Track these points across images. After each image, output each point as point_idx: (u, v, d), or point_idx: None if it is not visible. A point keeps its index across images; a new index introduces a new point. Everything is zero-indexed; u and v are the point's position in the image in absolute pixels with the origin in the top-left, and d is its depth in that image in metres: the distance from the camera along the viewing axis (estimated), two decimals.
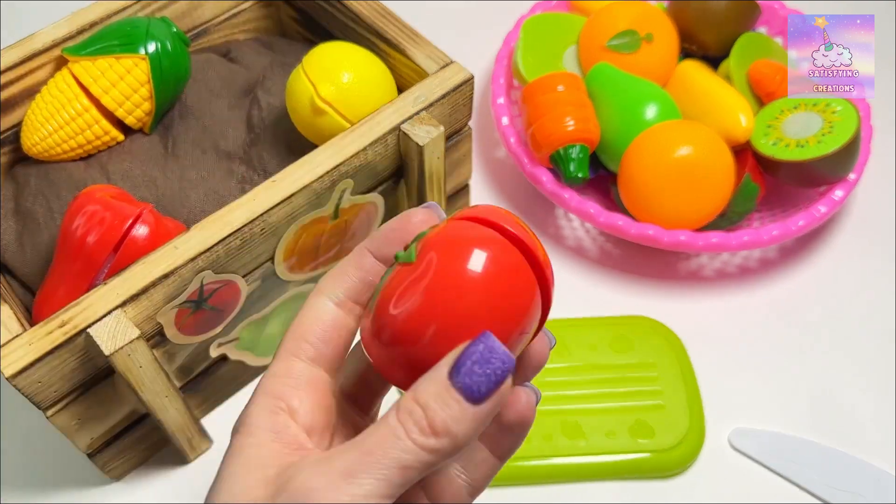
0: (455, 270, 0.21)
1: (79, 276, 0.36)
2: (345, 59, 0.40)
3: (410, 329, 0.21)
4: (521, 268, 0.22)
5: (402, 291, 0.21)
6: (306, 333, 0.24)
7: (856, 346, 0.45)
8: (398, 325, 0.21)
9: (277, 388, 0.23)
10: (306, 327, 0.24)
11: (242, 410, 0.23)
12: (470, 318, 0.21)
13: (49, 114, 0.42)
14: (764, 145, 0.46)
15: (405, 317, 0.21)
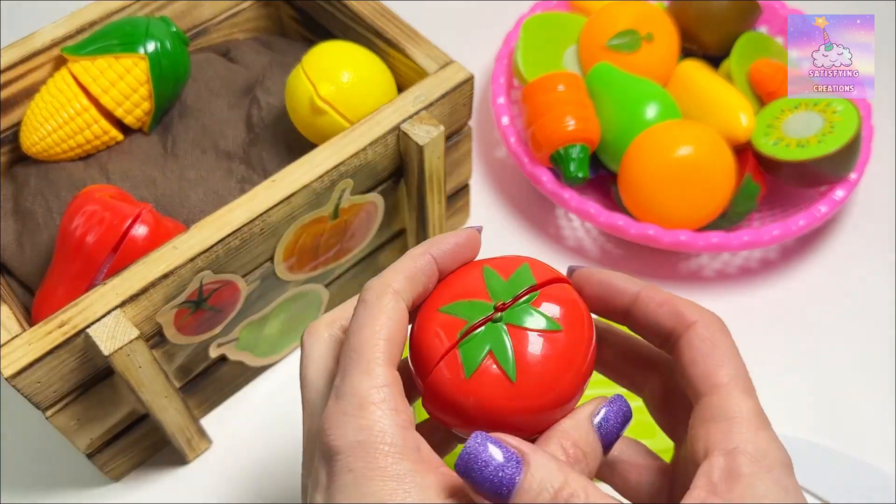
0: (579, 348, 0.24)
1: (78, 276, 0.36)
2: (344, 59, 0.40)
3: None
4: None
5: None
6: (394, 336, 0.23)
7: (856, 346, 0.45)
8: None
9: (395, 399, 0.22)
10: (394, 330, 0.23)
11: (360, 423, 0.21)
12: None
13: (48, 113, 0.42)
14: (765, 145, 0.46)
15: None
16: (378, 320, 0.23)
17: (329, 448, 0.22)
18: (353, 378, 0.22)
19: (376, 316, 0.23)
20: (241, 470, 0.41)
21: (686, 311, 0.24)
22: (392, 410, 0.22)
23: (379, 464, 0.21)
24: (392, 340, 0.23)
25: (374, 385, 0.22)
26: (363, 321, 0.23)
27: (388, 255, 0.46)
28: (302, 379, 0.25)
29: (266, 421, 0.43)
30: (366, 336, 0.23)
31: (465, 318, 0.24)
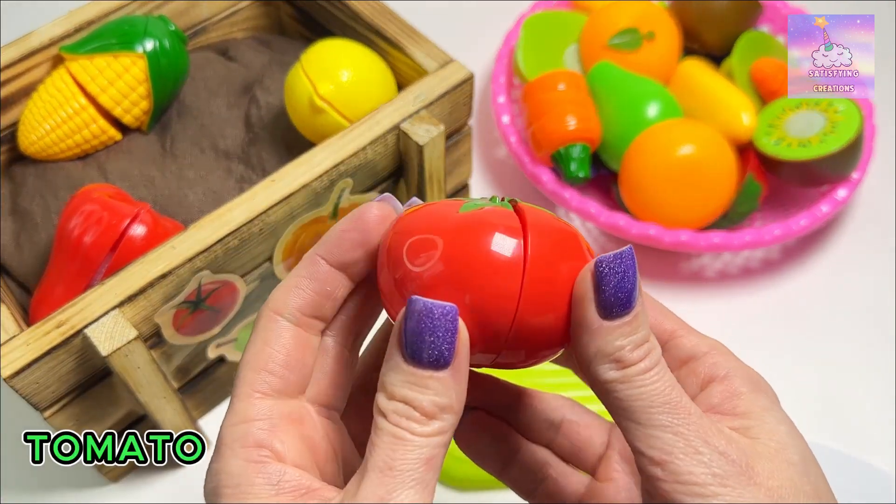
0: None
1: (76, 276, 0.36)
2: (344, 58, 0.40)
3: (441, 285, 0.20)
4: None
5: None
6: (268, 363, 0.21)
7: (857, 346, 0.45)
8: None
9: (254, 434, 0.20)
10: (267, 356, 0.21)
11: (214, 468, 0.20)
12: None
13: (46, 112, 0.42)
14: (766, 144, 0.45)
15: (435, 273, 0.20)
16: (253, 349, 0.21)
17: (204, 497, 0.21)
18: (223, 419, 0.21)
19: (253, 344, 0.22)
20: None
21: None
22: (243, 448, 0.20)
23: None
24: (266, 369, 0.21)
25: (231, 423, 0.21)
26: (244, 352, 0.22)
27: None
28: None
29: None
30: (239, 369, 0.21)
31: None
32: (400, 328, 0.20)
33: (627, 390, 0.19)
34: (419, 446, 0.19)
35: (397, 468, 0.19)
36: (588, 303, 0.20)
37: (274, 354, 0.21)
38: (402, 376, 0.19)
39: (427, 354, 0.19)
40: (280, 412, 0.21)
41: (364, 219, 0.21)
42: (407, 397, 0.19)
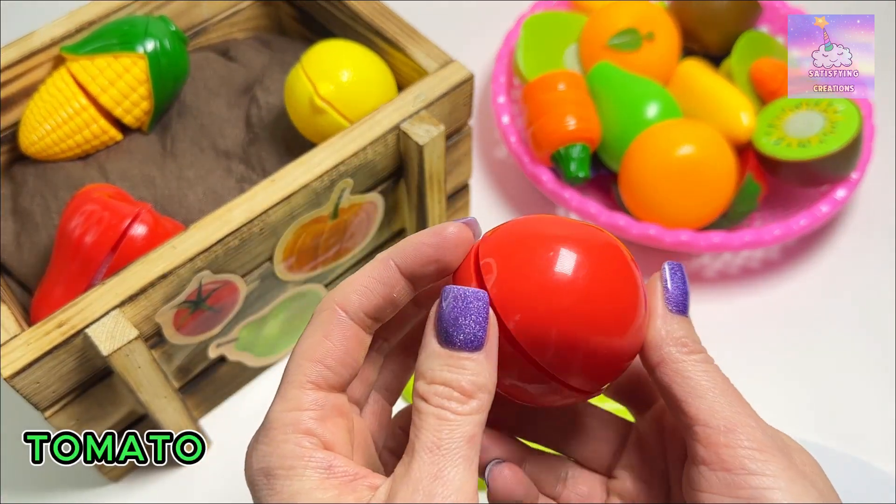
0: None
1: (77, 276, 0.36)
2: (344, 58, 0.40)
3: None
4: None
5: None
6: (326, 357, 0.22)
7: (857, 346, 0.45)
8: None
9: (305, 422, 0.21)
10: (326, 350, 0.22)
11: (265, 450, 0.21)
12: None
13: (47, 112, 0.42)
14: (766, 144, 0.45)
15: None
16: (310, 339, 0.22)
17: (246, 479, 0.22)
18: (273, 402, 0.22)
19: (311, 335, 0.22)
20: (241, 470, 0.41)
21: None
22: (296, 433, 0.21)
23: (276, 488, 0.20)
24: (322, 361, 0.22)
25: (283, 409, 0.21)
26: (300, 340, 0.22)
27: None
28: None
29: None
30: (294, 357, 0.22)
31: None
32: (435, 316, 0.21)
33: (695, 370, 0.22)
34: (462, 424, 0.20)
35: (444, 446, 0.20)
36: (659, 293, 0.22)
37: (333, 350, 0.22)
38: (440, 360, 0.20)
39: (463, 336, 0.20)
40: (331, 404, 0.22)
41: (443, 236, 0.22)
42: (446, 379, 0.20)
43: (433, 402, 0.20)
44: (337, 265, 0.42)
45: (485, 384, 0.21)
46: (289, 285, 0.40)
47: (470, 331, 0.20)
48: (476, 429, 0.20)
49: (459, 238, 0.22)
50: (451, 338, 0.20)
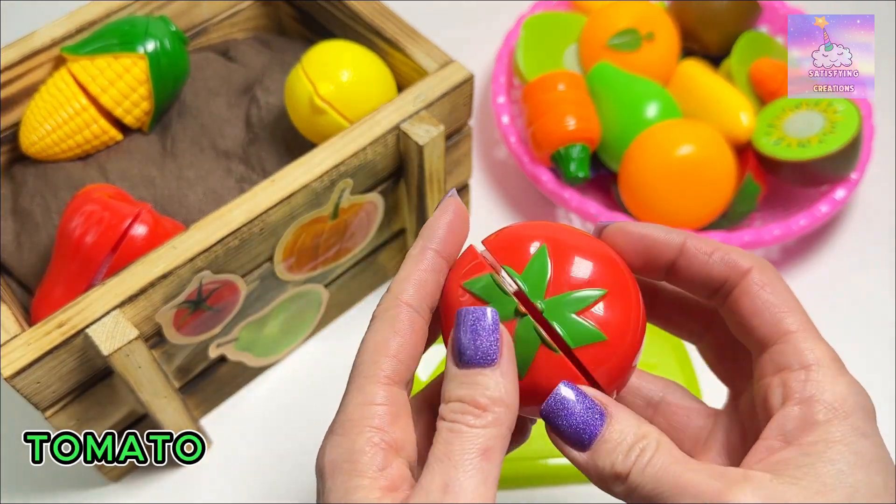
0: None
1: (77, 276, 0.36)
2: (344, 58, 0.40)
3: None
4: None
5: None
6: (399, 352, 0.22)
7: (857, 346, 0.45)
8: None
9: (380, 418, 0.22)
10: (399, 345, 0.22)
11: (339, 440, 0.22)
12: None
13: (47, 112, 0.42)
14: (765, 144, 0.45)
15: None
16: (381, 335, 0.23)
17: (316, 467, 0.23)
18: (347, 396, 0.23)
19: (380, 331, 0.23)
20: (241, 470, 0.41)
21: (739, 258, 0.23)
22: (369, 428, 0.22)
23: (338, 481, 0.21)
24: (395, 356, 0.22)
25: (359, 403, 0.22)
26: (367, 338, 0.23)
27: (387, 254, 0.46)
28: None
29: (266, 421, 0.43)
30: (366, 352, 0.23)
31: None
32: (451, 340, 0.22)
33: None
34: (474, 437, 0.20)
35: (454, 458, 0.20)
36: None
37: (403, 344, 0.22)
38: (457, 380, 0.21)
39: (474, 354, 0.21)
40: (400, 401, 0.22)
41: (458, 213, 0.24)
42: (461, 396, 0.21)
43: (448, 417, 0.21)
44: (337, 265, 0.42)
45: (500, 398, 0.21)
46: (289, 285, 0.40)
47: (482, 347, 0.21)
48: (492, 442, 0.21)
49: (463, 210, 0.24)
50: (464, 357, 0.21)
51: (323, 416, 0.46)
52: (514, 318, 0.23)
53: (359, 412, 0.22)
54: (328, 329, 0.46)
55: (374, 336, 0.23)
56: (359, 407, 0.22)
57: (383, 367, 0.22)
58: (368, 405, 0.22)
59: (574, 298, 0.23)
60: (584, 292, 0.23)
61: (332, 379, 0.44)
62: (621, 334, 0.23)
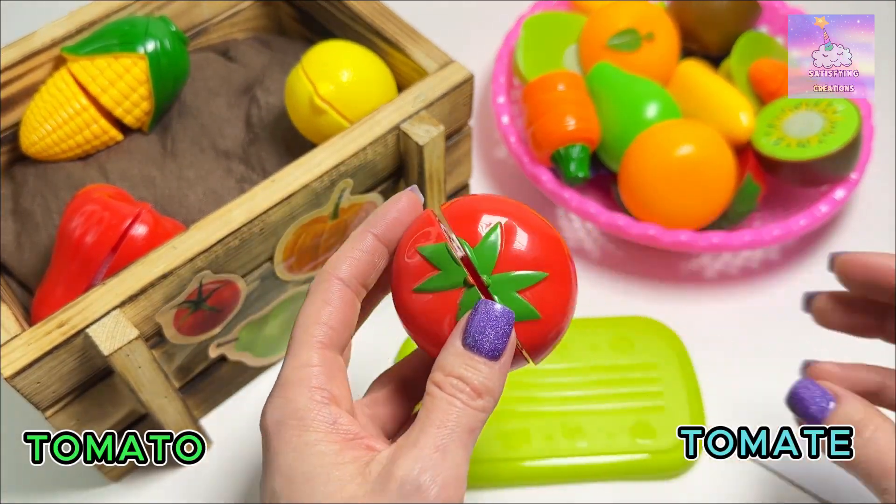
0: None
1: (77, 276, 0.36)
2: (344, 58, 0.40)
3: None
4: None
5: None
6: (330, 319, 0.25)
7: (856, 346, 0.45)
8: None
9: (316, 378, 0.24)
10: (328, 313, 0.25)
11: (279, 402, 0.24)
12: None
13: (47, 113, 0.42)
14: (765, 145, 0.46)
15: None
16: (313, 307, 0.25)
17: (260, 427, 0.24)
18: (285, 362, 0.25)
19: (313, 303, 0.25)
20: (242, 470, 0.41)
21: None
22: (308, 388, 0.24)
23: (285, 437, 0.23)
24: (327, 324, 0.25)
25: (295, 366, 0.24)
26: (302, 310, 0.25)
27: None
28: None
29: None
30: (300, 322, 0.25)
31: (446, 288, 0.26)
32: (465, 322, 0.24)
33: None
34: (466, 415, 0.23)
35: (450, 427, 0.23)
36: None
37: (334, 313, 0.25)
38: (460, 359, 0.24)
39: (487, 346, 0.24)
40: (336, 363, 0.25)
41: (405, 202, 0.27)
42: (463, 375, 0.24)
43: (447, 391, 0.23)
44: None
45: (493, 389, 0.24)
46: (289, 285, 0.40)
47: (493, 341, 0.24)
48: (478, 424, 0.23)
49: (416, 202, 0.27)
50: (475, 343, 0.24)
51: None
52: (462, 287, 0.25)
53: (296, 374, 0.24)
54: None
55: (307, 308, 0.25)
56: (296, 370, 0.24)
57: (315, 333, 0.25)
58: (305, 367, 0.24)
59: (518, 277, 0.26)
60: (527, 273, 0.26)
61: None
62: (553, 314, 0.26)
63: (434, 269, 0.26)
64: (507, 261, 0.26)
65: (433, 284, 0.26)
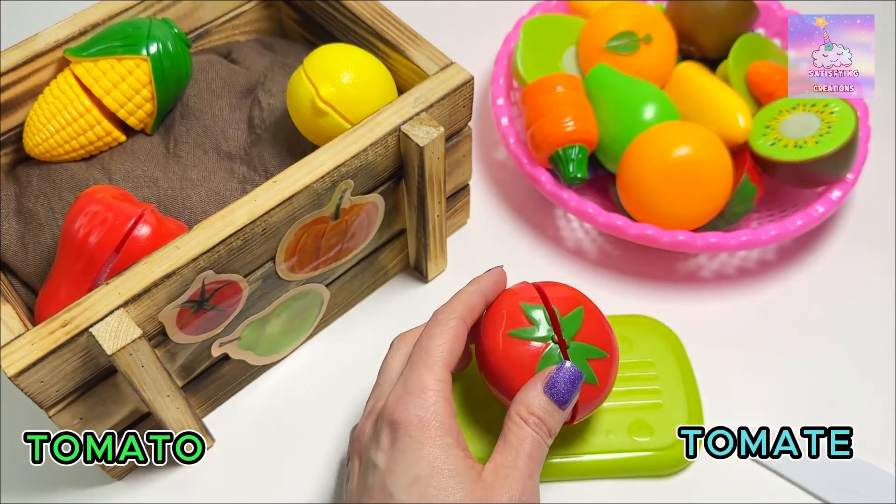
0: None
1: (81, 276, 0.37)
2: (345, 61, 0.41)
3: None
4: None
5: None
6: (454, 346, 0.32)
7: (855, 346, 0.45)
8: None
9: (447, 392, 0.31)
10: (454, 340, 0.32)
11: (417, 403, 0.30)
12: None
13: (51, 114, 0.42)
14: (762, 146, 0.46)
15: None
16: (446, 335, 0.32)
17: (394, 420, 0.30)
18: (420, 371, 0.31)
19: (445, 332, 0.32)
20: (244, 469, 0.41)
21: None
22: (444, 399, 0.30)
23: (431, 434, 0.29)
24: (453, 352, 0.32)
25: (434, 378, 0.31)
26: (434, 332, 0.32)
27: (388, 254, 0.46)
28: (383, 368, 0.34)
29: (268, 420, 0.43)
30: (435, 343, 0.32)
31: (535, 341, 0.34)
32: (549, 374, 0.32)
33: None
34: (543, 450, 0.31)
35: (536, 458, 0.31)
36: None
37: (455, 342, 0.32)
38: (543, 403, 0.32)
39: (564, 397, 0.32)
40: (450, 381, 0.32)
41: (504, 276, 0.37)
42: (543, 418, 0.31)
43: (532, 427, 0.31)
44: (338, 265, 0.42)
45: (556, 431, 0.32)
46: (291, 285, 0.40)
47: (566, 395, 0.32)
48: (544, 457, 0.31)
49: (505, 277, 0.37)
50: (556, 394, 0.32)
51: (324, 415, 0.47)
52: (548, 343, 0.34)
53: (435, 385, 0.30)
54: (330, 328, 0.46)
55: (440, 333, 0.32)
56: (434, 381, 0.30)
57: (447, 358, 0.32)
58: (442, 381, 0.31)
59: (591, 348, 0.34)
60: (597, 348, 0.35)
61: (334, 377, 0.44)
62: (604, 385, 0.35)
63: (529, 322, 0.34)
64: (584, 334, 0.34)
65: (527, 334, 0.34)
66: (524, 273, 0.41)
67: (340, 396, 0.43)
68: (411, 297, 0.47)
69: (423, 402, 0.30)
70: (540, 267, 0.49)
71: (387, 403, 0.31)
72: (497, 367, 0.34)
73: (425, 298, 0.47)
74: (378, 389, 0.34)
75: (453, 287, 0.36)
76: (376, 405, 0.33)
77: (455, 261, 0.48)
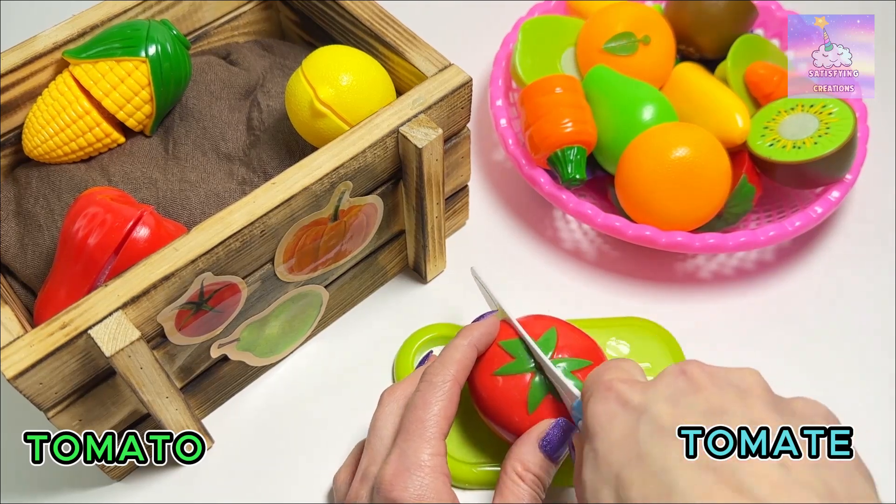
0: None
1: (80, 277, 0.37)
2: (344, 63, 0.41)
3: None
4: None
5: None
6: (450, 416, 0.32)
7: (853, 346, 0.45)
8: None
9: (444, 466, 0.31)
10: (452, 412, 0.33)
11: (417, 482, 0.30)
12: None
13: (50, 116, 0.42)
14: (760, 146, 0.46)
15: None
16: (441, 402, 0.32)
17: (392, 498, 0.30)
18: (417, 443, 0.31)
19: (441, 399, 0.32)
20: (243, 470, 0.41)
21: None
22: (442, 475, 0.31)
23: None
24: (448, 418, 0.32)
25: (431, 453, 0.31)
26: (430, 399, 0.32)
27: (387, 256, 0.46)
28: (374, 425, 0.34)
29: (267, 420, 0.43)
30: (431, 413, 0.32)
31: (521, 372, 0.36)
32: (544, 430, 0.33)
33: None
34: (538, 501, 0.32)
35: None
36: None
37: (450, 408, 0.33)
38: (537, 460, 0.33)
39: (558, 454, 0.33)
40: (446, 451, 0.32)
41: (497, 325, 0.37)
42: (539, 475, 0.32)
43: (529, 484, 0.32)
44: (337, 266, 0.42)
45: (548, 484, 0.33)
46: (290, 286, 0.40)
47: (558, 450, 0.33)
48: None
49: (497, 323, 0.37)
50: (550, 450, 0.33)
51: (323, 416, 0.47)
52: (532, 371, 0.35)
53: (432, 461, 0.31)
54: (328, 329, 0.46)
55: (435, 401, 0.32)
56: (433, 457, 0.31)
57: (444, 428, 0.32)
58: (440, 456, 0.31)
59: (573, 360, 0.36)
60: (579, 359, 0.36)
61: (333, 378, 0.44)
62: None
63: (511, 357, 0.36)
64: (563, 350, 0.36)
65: (512, 369, 0.36)
66: (524, 274, 0.41)
67: (339, 397, 0.43)
68: (410, 298, 0.47)
69: (422, 480, 0.30)
70: (538, 268, 0.49)
71: (383, 475, 0.31)
72: (492, 404, 0.36)
73: (424, 299, 0.47)
74: (371, 451, 0.33)
75: (453, 287, 0.36)
76: (370, 468, 0.33)
77: (454, 262, 0.48)
